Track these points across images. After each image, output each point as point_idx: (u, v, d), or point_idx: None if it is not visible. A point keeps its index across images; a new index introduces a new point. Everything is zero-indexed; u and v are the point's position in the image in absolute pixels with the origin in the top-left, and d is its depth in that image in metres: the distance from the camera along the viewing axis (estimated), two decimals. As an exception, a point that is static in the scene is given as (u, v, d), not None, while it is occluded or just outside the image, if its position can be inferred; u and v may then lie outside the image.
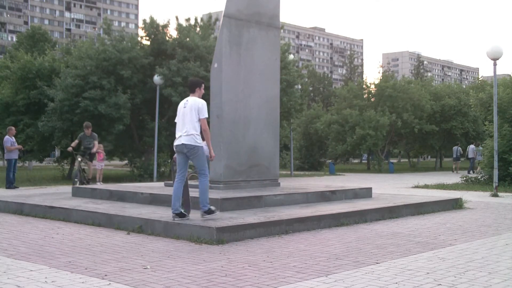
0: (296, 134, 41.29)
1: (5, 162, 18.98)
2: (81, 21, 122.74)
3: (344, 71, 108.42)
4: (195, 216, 8.14)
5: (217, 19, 28.79)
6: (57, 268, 5.56)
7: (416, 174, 34.02)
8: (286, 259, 6.02)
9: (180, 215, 7.72)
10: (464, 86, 55.20)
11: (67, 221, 9.17)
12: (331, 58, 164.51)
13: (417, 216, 9.97)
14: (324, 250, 6.54)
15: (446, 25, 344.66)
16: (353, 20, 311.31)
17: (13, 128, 18.53)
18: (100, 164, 19.00)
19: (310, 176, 30.48)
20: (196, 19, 27.59)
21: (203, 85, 8.37)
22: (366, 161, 51.51)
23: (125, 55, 23.46)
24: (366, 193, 11.84)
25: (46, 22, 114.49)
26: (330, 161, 43.03)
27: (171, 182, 9.74)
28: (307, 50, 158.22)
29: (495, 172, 15.88)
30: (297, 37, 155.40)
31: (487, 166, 19.57)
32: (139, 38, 26.74)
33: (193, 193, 9.88)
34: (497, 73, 16.22)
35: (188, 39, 24.71)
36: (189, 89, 8.26)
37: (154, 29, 25.14)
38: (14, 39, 76.08)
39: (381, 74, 48.48)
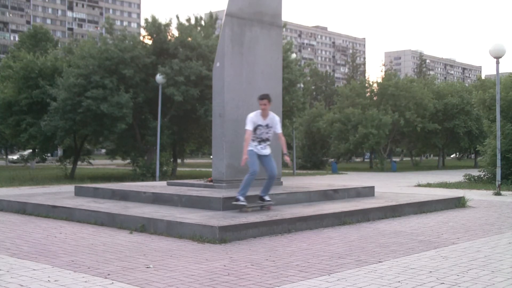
0: (298, 133, 41.32)
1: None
2: (83, 20, 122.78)
3: (347, 70, 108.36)
4: (197, 215, 8.15)
5: (216, 18, 28.81)
6: (60, 267, 5.57)
7: (419, 172, 34.00)
8: (288, 258, 6.02)
9: None
10: (466, 85, 55.16)
11: (69, 220, 9.19)
12: (333, 56, 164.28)
13: (420, 215, 9.96)
14: (327, 249, 6.54)
15: (448, 23, 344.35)
16: (355, 18, 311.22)
17: None
18: None
19: (312, 175, 30.48)
20: (196, 18, 27.64)
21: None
22: (368, 160, 51.48)
23: (127, 54, 23.50)
24: (368, 191, 11.83)
25: (48, 21, 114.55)
26: (332, 160, 43.04)
27: (174, 181, 9.76)
28: (309, 49, 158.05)
29: (498, 171, 15.86)
30: (299, 36, 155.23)
31: (490, 165, 19.54)
32: (141, 38, 26.78)
33: (193, 191, 9.88)
34: (500, 71, 16.19)
35: (190, 38, 24.74)
36: None
37: (156, 28, 25.18)
38: (17, 38, 76.17)
39: (383, 73, 48.47)
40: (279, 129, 8.84)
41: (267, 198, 8.92)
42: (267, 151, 8.85)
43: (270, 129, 8.77)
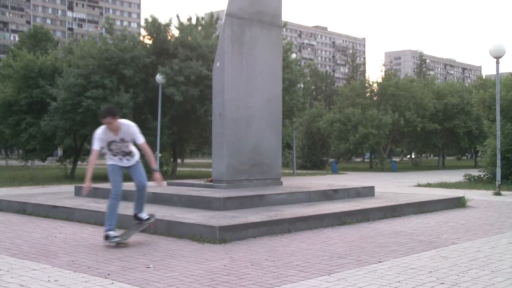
0: (298, 133, 41.32)
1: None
2: (83, 20, 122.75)
3: (347, 70, 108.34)
4: (197, 215, 8.15)
5: (218, 18, 28.81)
6: (60, 267, 5.57)
7: (419, 172, 33.99)
8: (288, 258, 6.02)
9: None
10: (466, 85, 55.16)
11: (69, 220, 9.19)
12: (333, 56, 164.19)
13: (420, 215, 9.96)
14: (327, 249, 6.54)
15: (448, 23, 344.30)
16: (356, 18, 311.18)
17: None
18: None
19: (312, 175, 30.47)
20: (197, 18, 27.64)
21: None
22: (368, 160, 51.47)
23: (127, 54, 23.48)
24: (368, 192, 11.84)
25: (48, 21, 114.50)
26: (332, 160, 43.03)
27: (174, 181, 9.75)
28: (309, 49, 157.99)
29: (498, 171, 15.86)
30: (299, 35, 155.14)
31: (490, 165, 19.54)
32: (141, 38, 26.77)
33: (193, 191, 9.88)
34: (500, 71, 16.19)
35: (190, 38, 24.73)
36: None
37: (156, 28, 25.17)
38: (17, 38, 76.19)
39: (383, 73, 48.50)
40: (140, 139, 7.04)
41: (144, 216, 7.34)
42: (133, 161, 7.24)
43: (127, 142, 7.09)
